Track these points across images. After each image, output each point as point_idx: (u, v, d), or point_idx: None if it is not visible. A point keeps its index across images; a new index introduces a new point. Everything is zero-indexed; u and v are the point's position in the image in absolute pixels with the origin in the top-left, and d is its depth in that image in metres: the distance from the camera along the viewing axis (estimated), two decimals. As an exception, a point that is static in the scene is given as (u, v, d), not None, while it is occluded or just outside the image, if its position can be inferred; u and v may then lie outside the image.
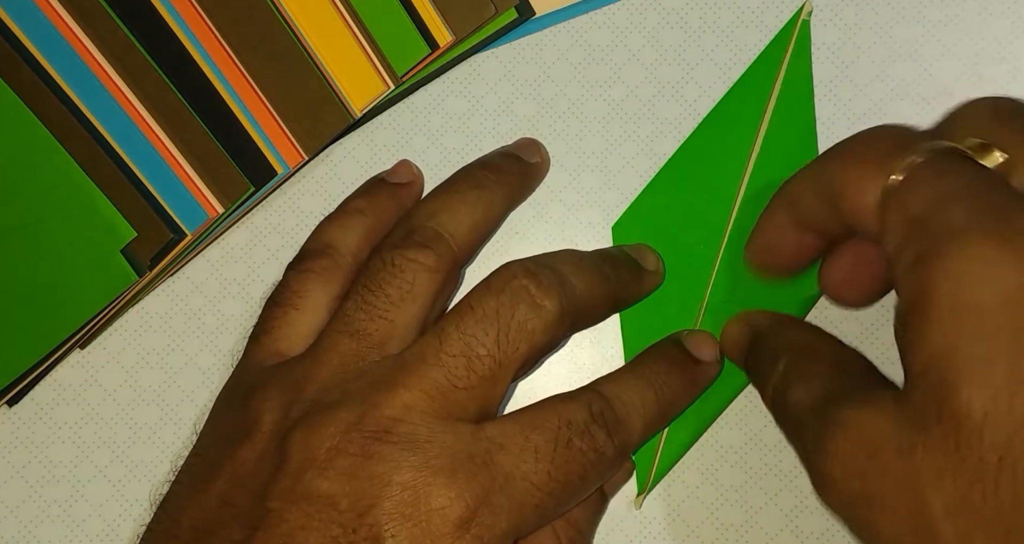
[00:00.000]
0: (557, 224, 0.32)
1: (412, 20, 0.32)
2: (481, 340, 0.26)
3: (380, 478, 0.24)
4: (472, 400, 0.26)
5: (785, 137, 0.31)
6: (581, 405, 0.27)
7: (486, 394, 0.26)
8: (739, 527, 0.31)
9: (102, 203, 0.31)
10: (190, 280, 0.33)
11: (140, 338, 0.32)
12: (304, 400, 0.26)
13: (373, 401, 0.25)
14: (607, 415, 0.27)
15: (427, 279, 0.27)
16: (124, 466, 0.32)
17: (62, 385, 0.32)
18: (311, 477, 0.24)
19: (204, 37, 0.32)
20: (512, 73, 0.33)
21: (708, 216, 0.31)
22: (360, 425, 0.25)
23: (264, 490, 0.24)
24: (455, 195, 0.29)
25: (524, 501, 0.25)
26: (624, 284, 0.30)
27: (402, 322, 0.27)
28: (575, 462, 0.26)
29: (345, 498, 0.24)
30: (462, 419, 0.25)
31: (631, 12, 0.32)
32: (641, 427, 0.27)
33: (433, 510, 0.24)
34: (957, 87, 0.31)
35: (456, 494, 0.24)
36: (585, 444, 0.26)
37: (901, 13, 0.32)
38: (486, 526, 0.24)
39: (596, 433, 0.26)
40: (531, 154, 0.32)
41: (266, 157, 0.32)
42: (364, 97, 0.32)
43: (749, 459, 0.31)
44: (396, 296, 0.27)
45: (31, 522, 0.32)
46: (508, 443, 0.25)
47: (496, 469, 0.25)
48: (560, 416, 0.26)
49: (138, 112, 0.31)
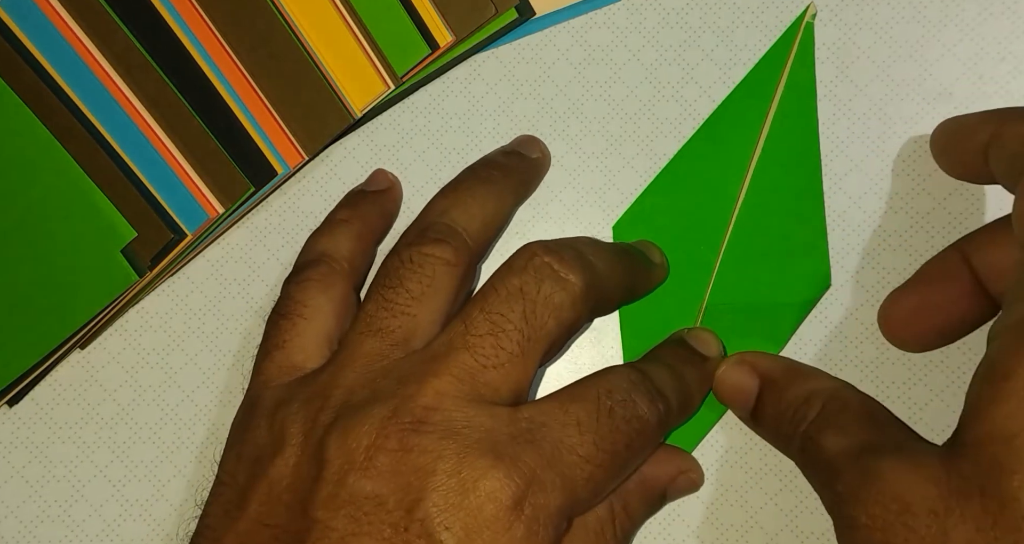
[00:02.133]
0: (557, 224, 0.32)
1: (412, 20, 0.32)
2: (508, 317, 0.26)
3: (423, 469, 0.23)
4: (504, 380, 0.25)
5: (787, 139, 0.31)
6: (619, 376, 0.26)
7: (517, 373, 0.25)
8: (739, 527, 0.31)
9: (102, 203, 0.31)
10: (190, 280, 0.33)
11: (140, 338, 0.33)
12: (332, 406, 0.25)
13: (404, 394, 0.25)
14: (646, 384, 0.26)
15: (446, 272, 0.27)
16: (124, 466, 0.32)
17: (62, 385, 0.32)
18: (354, 479, 0.23)
19: (204, 37, 0.32)
20: (512, 73, 0.33)
21: (709, 217, 0.31)
22: (395, 419, 0.24)
23: (305, 502, 0.24)
24: (464, 192, 0.29)
25: (574, 475, 0.24)
26: (637, 273, 0.30)
27: (425, 317, 0.27)
28: (620, 431, 0.25)
29: (392, 496, 0.23)
30: (496, 402, 0.25)
31: (631, 12, 0.32)
32: (676, 403, 0.27)
33: (483, 495, 0.23)
34: (957, 87, 0.31)
35: (504, 475, 0.23)
36: (628, 411, 0.25)
37: (901, 13, 0.32)
38: (539, 505, 0.24)
39: (639, 400, 0.26)
40: (531, 149, 0.32)
41: (266, 157, 0.32)
42: (364, 97, 0.32)
43: (749, 459, 0.31)
44: (417, 291, 0.27)
45: (31, 522, 0.32)
46: (548, 420, 0.25)
47: (541, 446, 0.24)
48: (599, 387, 0.26)
49: (138, 112, 0.31)
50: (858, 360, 0.31)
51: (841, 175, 0.31)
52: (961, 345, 0.30)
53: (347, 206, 0.31)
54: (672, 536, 0.31)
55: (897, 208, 0.31)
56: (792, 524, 0.30)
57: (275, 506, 0.24)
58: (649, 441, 0.26)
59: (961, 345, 0.30)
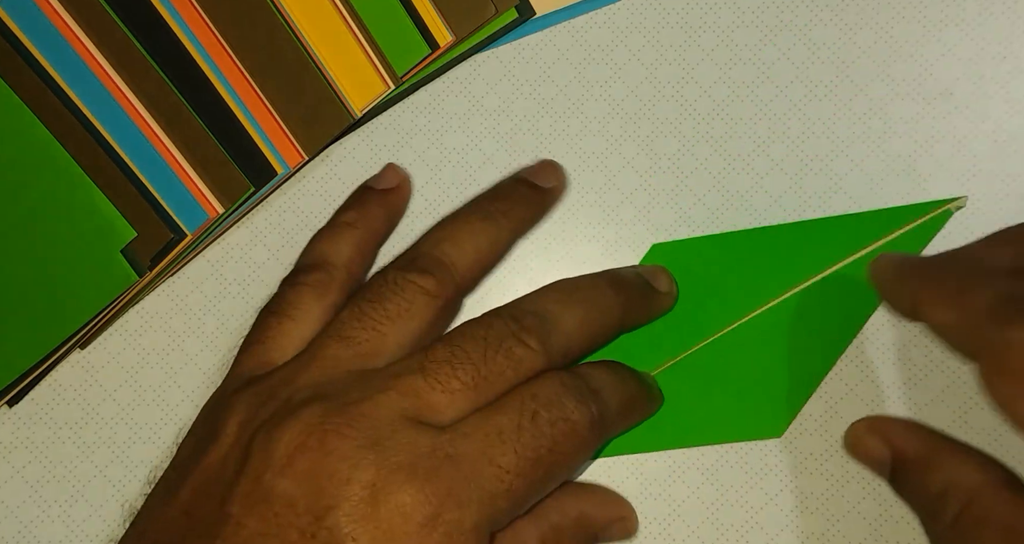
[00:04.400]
0: (557, 224, 0.32)
1: (412, 20, 0.32)
2: (469, 353, 0.26)
3: (338, 476, 0.23)
4: (449, 405, 0.25)
5: (854, 284, 0.30)
6: (549, 378, 0.26)
7: (465, 404, 0.25)
8: (739, 527, 0.31)
9: (102, 203, 0.31)
10: (190, 280, 0.33)
11: (140, 338, 0.33)
12: (274, 403, 0.25)
13: (343, 400, 0.25)
14: (577, 384, 0.26)
15: (425, 303, 0.27)
16: (124, 466, 0.32)
17: (62, 385, 0.32)
18: (270, 478, 0.24)
19: (204, 37, 0.32)
20: (512, 73, 0.33)
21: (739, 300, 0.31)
22: (324, 420, 0.24)
23: (225, 496, 0.24)
24: (463, 225, 0.29)
25: (494, 488, 0.24)
26: (630, 305, 0.29)
27: (393, 339, 0.27)
28: (543, 435, 0.25)
29: (303, 499, 0.23)
30: (432, 424, 0.25)
31: (631, 12, 0.32)
32: (616, 403, 0.27)
33: (394, 509, 0.23)
34: (957, 87, 0.31)
35: (416, 490, 0.23)
36: (553, 414, 0.25)
37: (901, 13, 0.32)
38: (453, 521, 0.23)
39: (567, 401, 0.26)
40: (547, 179, 0.31)
41: (266, 157, 0.32)
42: (364, 97, 0.32)
43: (750, 459, 0.31)
44: (393, 311, 0.27)
45: (31, 522, 0.32)
46: (472, 431, 0.25)
47: (461, 460, 0.24)
48: (526, 392, 0.26)
49: (138, 112, 0.31)
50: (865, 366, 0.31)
51: (841, 175, 0.31)
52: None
53: (354, 206, 0.31)
54: (672, 536, 0.31)
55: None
56: (792, 524, 0.30)
57: (202, 497, 0.25)
58: (579, 445, 0.26)
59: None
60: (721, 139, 0.32)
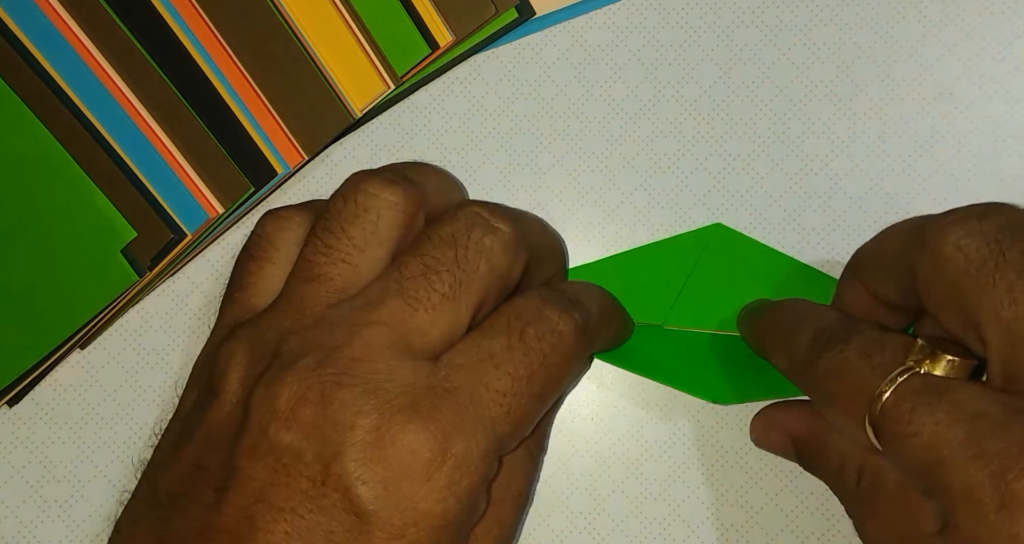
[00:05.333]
0: (557, 224, 0.32)
1: (412, 20, 0.32)
2: (441, 260, 0.25)
3: (343, 424, 0.23)
4: (433, 323, 0.25)
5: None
6: (529, 296, 0.26)
7: (448, 316, 0.25)
8: (739, 527, 0.31)
9: (102, 203, 0.31)
10: (190, 280, 0.33)
11: (140, 338, 0.32)
12: (266, 354, 0.25)
13: (332, 345, 0.24)
14: (557, 296, 0.26)
15: (392, 217, 0.26)
16: (124, 466, 0.32)
17: (62, 385, 0.32)
18: (275, 431, 0.24)
19: (204, 37, 0.32)
20: (512, 73, 0.33)
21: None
22: (320, 370, 0.24)
23: (232, 450, 0.24)
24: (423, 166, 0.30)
25: (494, 414, 0.24)
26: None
27: (365, 267, 0.26)
28: (533, 351, 0.25)
29: (310, 449, 0.23)
30: (425, 349, 0.25)
31: (631, 12, 0.32)
32: (596, 309, 0.27)
33: (401, 449, 0.23)
34: (957, 87, 0.31)
35: (421, 428, 0.23)
36: (539, 328, 0.25)
37: (901, 13, 0.32)
38: (461, 454, 0.24)
39: (550, 313, 0.26)
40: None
41: (266, 157, 0.32)
42: (364, 97, 0.32)
43: (749, 459, 0.31)
44: (359, 239, 0.26)
45: (31, 522, 0.32)
46: (465, 361, 0.25)
47: (458, 392, 0.24)
48: (508, 312, 0.26)
49: (138, 112, 0.31)
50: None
51: (841, 175, 0.31)
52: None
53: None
54: (672, 536, 0.31)
55: (897, 209, 0.31)
56: (792, 524, 0.30)
57: (209, 450, 0.25)
58: (568, 354, 0.26)
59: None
60: (721, 139, 0.32)
